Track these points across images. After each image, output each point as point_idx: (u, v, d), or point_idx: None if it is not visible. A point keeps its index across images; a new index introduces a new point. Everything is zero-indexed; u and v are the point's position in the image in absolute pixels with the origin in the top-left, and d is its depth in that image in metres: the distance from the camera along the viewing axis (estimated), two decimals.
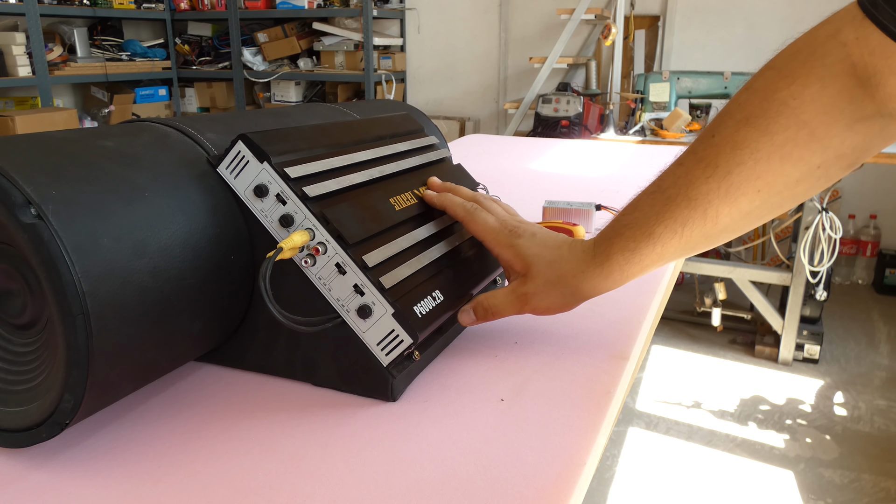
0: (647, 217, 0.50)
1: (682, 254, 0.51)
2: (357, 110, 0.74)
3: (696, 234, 0.49)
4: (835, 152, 0.46)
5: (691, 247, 0.50)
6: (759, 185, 0.46)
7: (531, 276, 0.54)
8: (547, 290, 0.54)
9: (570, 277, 0.53)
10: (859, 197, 3.13)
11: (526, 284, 0.54)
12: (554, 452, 0.42)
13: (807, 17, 2.99)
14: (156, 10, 3.92)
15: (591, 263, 0.53)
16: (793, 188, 0.47)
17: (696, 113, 2.75)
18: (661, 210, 0.49)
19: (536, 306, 0.55)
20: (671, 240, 0.49)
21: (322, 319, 0.48)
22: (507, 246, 0.55)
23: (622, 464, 1.87)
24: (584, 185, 1.20)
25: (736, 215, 0.48)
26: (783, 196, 0.48)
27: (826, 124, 0.45)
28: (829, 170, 0.47)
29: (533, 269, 0.54)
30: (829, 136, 0.45)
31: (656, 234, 0.49)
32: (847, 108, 0.44)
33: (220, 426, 0.46)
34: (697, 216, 0.48)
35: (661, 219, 0.49)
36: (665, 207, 0.49)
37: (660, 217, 0.49)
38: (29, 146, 0.41)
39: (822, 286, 2.31)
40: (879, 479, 1.81)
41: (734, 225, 0.49)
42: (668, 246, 0.50)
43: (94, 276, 0.38)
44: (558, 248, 0.55)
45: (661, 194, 0.49)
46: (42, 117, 2.84)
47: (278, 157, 0.48)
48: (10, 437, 0.42)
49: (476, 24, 3.66)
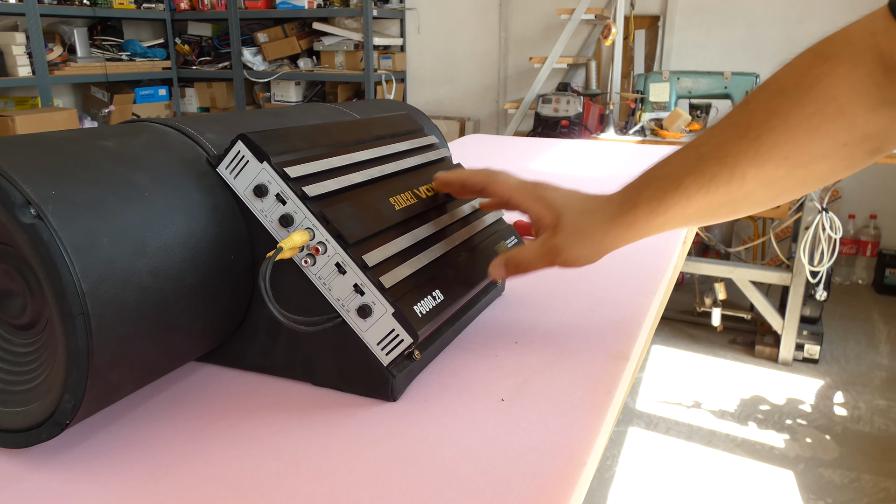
0: (677, 170, 0.52)
1: (706, 216, 0.53)
2: (357, 110, 0.74)
3: (721, 194, 0.51)
4: (861, 132, 0.49)
5: (714, 208, 0.52)
6: (786, 153, 0.49)
7: (561, 226, 0.55)
8: (577, 241, 0.55)
9: (598, 226, 0.55)
10: (859, 197, 3.13)
11: (556, 237, 0.55)
12: (554, 452, 0.42)
13: (807, 17, 2.99)
14: (156, 10, 3.92)
15: (616, 212, 0.54)
16: (818, 163, 0.50)
17: (696, 113, 2.75)
18: (692, 164, 0.52)
19: (566, 258, 0.55)
20: (697, 193, 0.51)
21: (322, 319, 0.48)
22: (536, 199, 0.56)
23: (622, 464, 1.87)
24: (584, 185, 1.19)
25: (761, 181, 0.50)
26: (807, 171, 0.50)
27: (853, 102, 0.48)
28: (854, 150, 0.50)
29: (563, 218, 0.55)
30: (856, 115, 0.48)
31: (684, 185, 0.51)
32: (873, 90, 0.48)
33: (221, 426, 0.46)
34: (725, 173, 0.51)
35: (690, 171, 0.52)
36: (696, 162, 0.52)
37: (690, 170, 0.52)
38: (29, 146, 0.41)
39: (822, 286, 2.31)
40: (879, 479, 1.81)
41: (758, 192, 0.51)
42: (693, 201, 0.52)
43: (94, 277, 0.38)
44: (586, 198, 0.56)
45: (694, 151, 0.52)
46: (42, 117, 2.84)
47: (278, 156, 0.48)
48: (11, 437, 0.42)
49: (476, 24, 3.66)
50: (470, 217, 0.63)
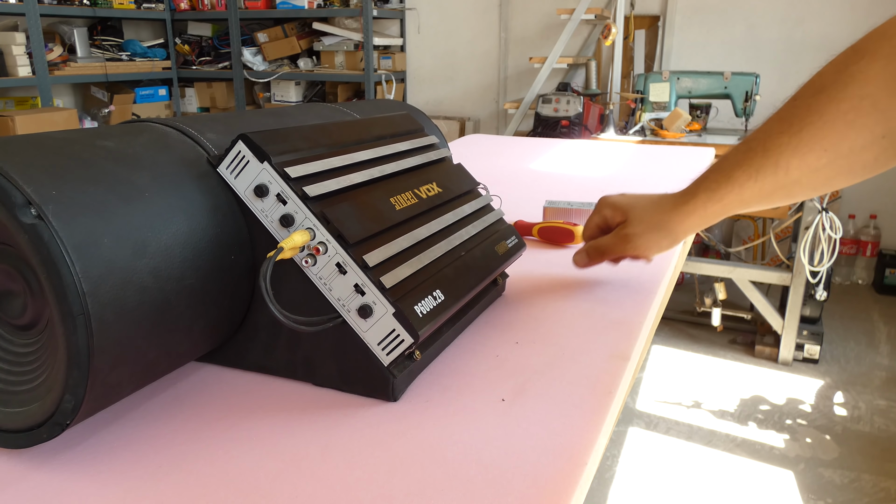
0: (729, 163, 0.59)
1: (762, 200, 0.59)
2: (357, 110, 0.74)
3: (769, 182, 0.56)
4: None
5: (767, 194, 0.57)
6: (825, 145, 0.53)
7: (630, 219, 0.65)
8: (647, 231, 0.64)
9: (661, 215, 0.63)
10: (859, 197, 3.13)
11: (627, 227, 0.65)
12: (555, 452, 0.42)
13: (807, 17, 2.99)
14: (156, 10, 3.92)
15: (678, 202, 0.62)
16: (859, 154, 0.54)
17: (696, 113, 2.75)
18: (741, 158, 0.58)
19: (638, 246, 0.64)
20: (747, 183, 0.57)
21: (323, 319, 0.48)
22: (604, 205, 0.67)
23: (622, 464, 1.87)
24: (584, 185, 1.20)
25: (805, 169, 0.55)
26: (850, 160, 0.54)
27: (888, 97, 0.51)
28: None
29: (632, 212, 0.65)
30: (891, 109, 0.51)
31: (734, 177, 0.58)
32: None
33: (221, 426, 0.46)
34: (770, 164, 0.56)
35: (739, 164, 0.58)
36: (745, 156, 0.58)
37: (739, 163, 0.58)
38: (29, 146, 0.41)
39: (822, 286, 2.31)
40: (879, 479, 1.81)
41: (806, 179, 0.56)
42: (745, 189, 0.58)
43: (95, 277, 0.38)
44: (651, 196, 0.65)
45: (744, 145, 0.58)
46: (42, 117, 2.83)
47: (278, 156, 0.48)
48: (11, 437, 0.42)
49: (476, 24, 3.66)
50: (470, 217, 0.63)
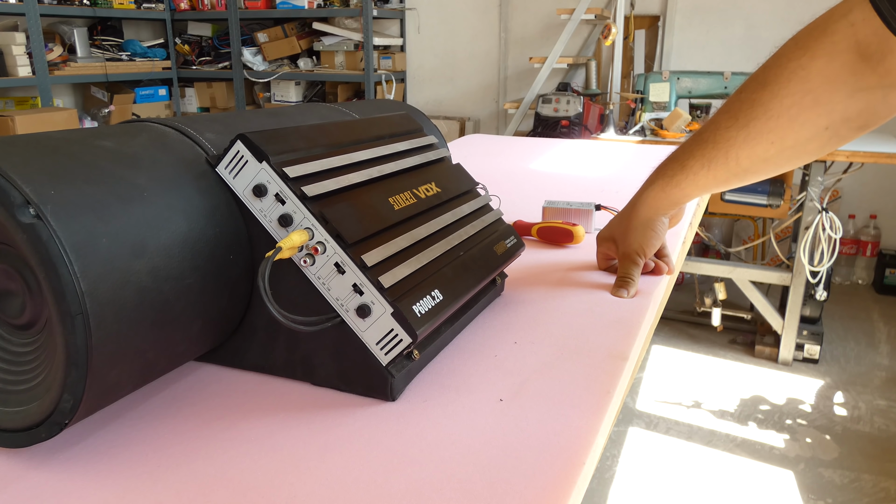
0: (684, 152, 0.63)
1: (718, 185, 0.62)
2: (356, 110, 0.74)
3: (722, 172, 0.60)
4: (840, 116, 0.54)
5: (722, 180, 0.61)
6: (772, 138, 0.56)
7: (618, 242, 0.71)
8: (628, 236, 0.69)
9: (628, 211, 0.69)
10: (859, 197, 3.13)
11: (620, 248, 0.71)
12: (553, 452, 0.42)
13: (806, 17, 2.98)
14: (156, 10, 3.92)
15: (640, 194, 0.67)
16: (805, 145, 0.56)
17: (696, 113, 2.75)
18: (694, 148, 0.61)
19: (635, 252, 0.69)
20: (700, 171, 0.61)
21: (321, 319, 0.48)
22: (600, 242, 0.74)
23: (622, 464, 1.87)
24: (584, 185, 1.20)
25: (755, 159, 0.58)
26: (797, 150, 0.56)
27: (829, 92, 0.53)
28: (839, 131, 0.55)
29: (616, 236, 0.71)
30: (833, 103, 0.53)
31: (688, 166, 0.62)
32: (850, 79, 0.52)
33: (220, 426, 0.46)
34: (720, 156, 0.59)
35: (692, 154, 0.61)
36: (697, 146, 0.61)
37: (692, 153, 0.61)
38: (28, 146, 0.41)
39: (822, 286, 2.31)
40: (879, 479, 1.81)
41: (756, 167, 0.59)
42: (700, 177, 0.61)
43: (93, 276, 0.38)
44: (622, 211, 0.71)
45: (698, 136, 0.62)
46: (42, 117, 2.83)
47: (277, 156, 0.48)
48: (10, 436, 0.42)
49: (476, 24, 3.66)
50: (469, 217, 0.63)
